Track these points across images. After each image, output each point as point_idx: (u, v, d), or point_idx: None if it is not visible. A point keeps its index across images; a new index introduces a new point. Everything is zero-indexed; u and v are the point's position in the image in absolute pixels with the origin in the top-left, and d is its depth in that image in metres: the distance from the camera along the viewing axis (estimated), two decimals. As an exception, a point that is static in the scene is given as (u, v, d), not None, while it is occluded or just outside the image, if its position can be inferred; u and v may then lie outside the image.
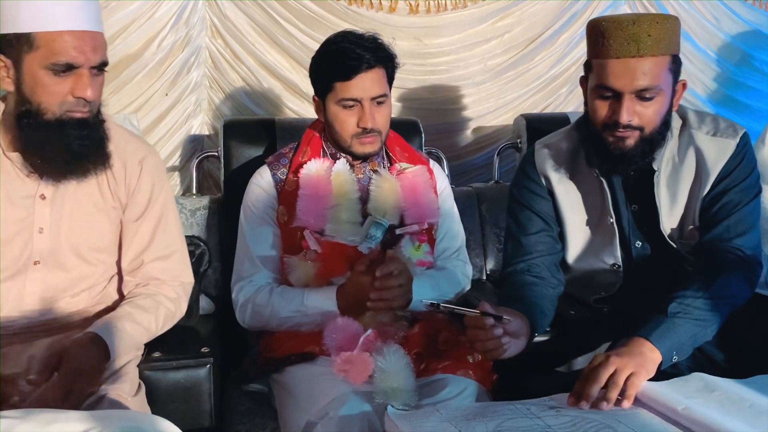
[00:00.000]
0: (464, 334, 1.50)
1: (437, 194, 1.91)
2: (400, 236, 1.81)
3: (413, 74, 2.75)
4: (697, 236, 1.68)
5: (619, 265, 1.74)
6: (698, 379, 1.40)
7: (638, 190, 1.71)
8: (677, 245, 1.70)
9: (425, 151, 2.28)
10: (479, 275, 2.37)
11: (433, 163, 1.99)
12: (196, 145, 2.65)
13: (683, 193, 1.69)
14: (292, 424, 1.56)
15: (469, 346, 1.54)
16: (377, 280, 1.63)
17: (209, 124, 2.67)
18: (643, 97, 1.56)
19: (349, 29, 1.82)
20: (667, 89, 1.59)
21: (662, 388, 1.35)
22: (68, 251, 1.60)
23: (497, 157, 2.68)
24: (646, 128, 1.59)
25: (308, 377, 1.62)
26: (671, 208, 1.70)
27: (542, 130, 1.99)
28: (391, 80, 1.82)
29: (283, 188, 1.83)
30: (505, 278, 1.80)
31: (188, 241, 1.85)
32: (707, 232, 1.66)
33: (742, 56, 3.14)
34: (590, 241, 1.77)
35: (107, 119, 1.61)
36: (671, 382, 1.40)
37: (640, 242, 1.74)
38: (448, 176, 2.22)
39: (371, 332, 1.61)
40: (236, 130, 2.24)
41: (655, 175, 1.68)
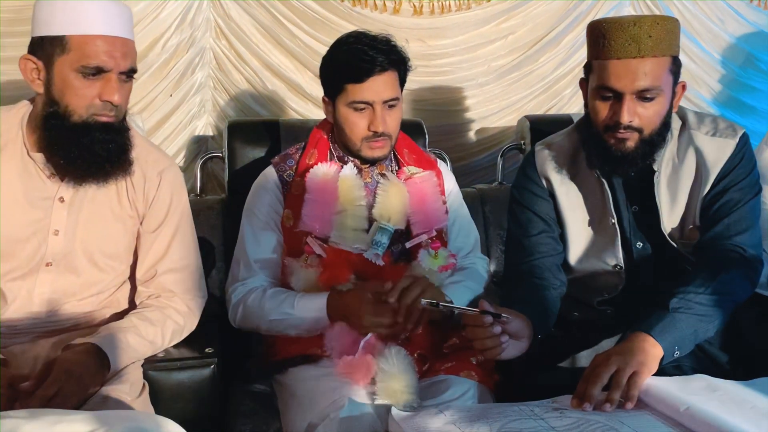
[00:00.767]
0: (464, 332, 1.50)
1: (445, 195, 1.89)
2: (415, 248, 1.78)
3: (417, 75, 2.73)
4: (697, 236, 1.69)
5: (620, 266, 1.74)
6: (701, 379, 1.41)
7: (639, 190, 1.72)
8: (678, 245, 1.70)
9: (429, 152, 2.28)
10: (482, 276, 2.36)
11: (440, 163, 1.97)
12: (200, 145, 2.66)
13: (683, 193, 1.70)
14: (294, 425, 1.56)
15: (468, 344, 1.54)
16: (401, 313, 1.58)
17: (213, 124, 2.68)
18: (643, 97, 1.57)
19: (361, 30, 1.78)
20: (667, 90, 1.60)
21: (665, 385, 1.36)
22: (81, 255, 1.61)
23: (501, 158, 2.68)
24: (645, 130, 1.60)
25: (310, 378, 1.62)
26: (672, 208, 1.70)
27: (546, 131, 1.99)
28: (403, 83, 1.79)
29: (289, 191, 1.80)
30: (506, 280, 1.80)
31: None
32: (707, 230, 1.66)
33: (746, 58, 3.14)
34: (592, 242, 1.78)
35: (132, 128, 1.63)
36: (674, 379, 1.40)
37: (641, 243, 1.74)
38: (452, 177, 2.22)
39: (371, 336, 1.60)
40: (240, 131, 2.25)
41: (655, 175, 1.69)
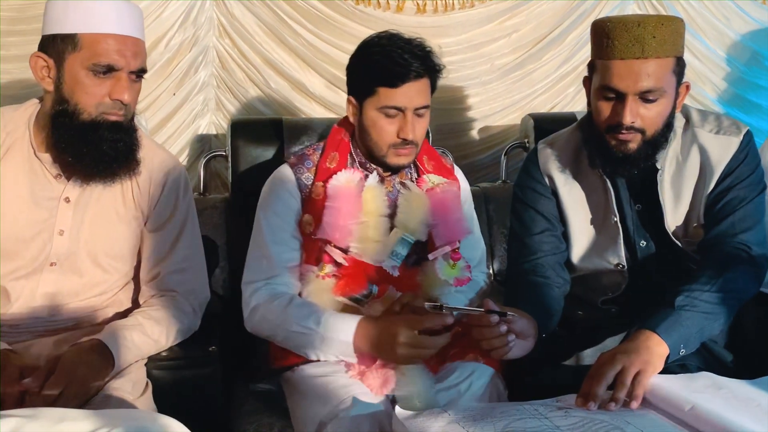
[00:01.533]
0: (470, 333, 1.49)
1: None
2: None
3: (420, 74, 2.74)
4: (702, 234, 1.68)
5: (623, 265, 1.73)
6: (706, 377, 1.40)
7: (642, 189, 1.71)
8: (682, 244, 1.70)
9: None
10: (486, 275, 2.36)
11: (457, 170, 1.92)
12: (203, 144, 2.66)
13: (687, 191, 1.69)
14: (305, 423, 1.55)
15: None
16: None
17: (217, 123, 2.67)
18: (646, 98, 1.56)
19: (394, 31, 1.71)
20: (670, 91, 1.59)
21: (669, 384, 1.35)
22: (85, 256, 1.61)
23: (504, 156, 2.67)
24: (648, 131, 1.59)
25: (320, 376, 1.60)
26: (675, 206, 1.69)
27: (550, 129, 1.98)
28: (433, 91, 1.72)
29: (309, 196, 1.72)
30: (510, 279, 1.80)
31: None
32: (712, 228, 1.65)
33: (752, 55, 3.12)
34: (594, 240, 1.77)
35: (139, 128, 1.63)
36: (679, 377, 1.40)
37: (644, 242, 1.74)
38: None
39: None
40: (244, 129, 2.24)
41: (658, 173, 1.68)
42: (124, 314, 1.66)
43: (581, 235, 1.78)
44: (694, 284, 1.53)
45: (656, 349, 1.41)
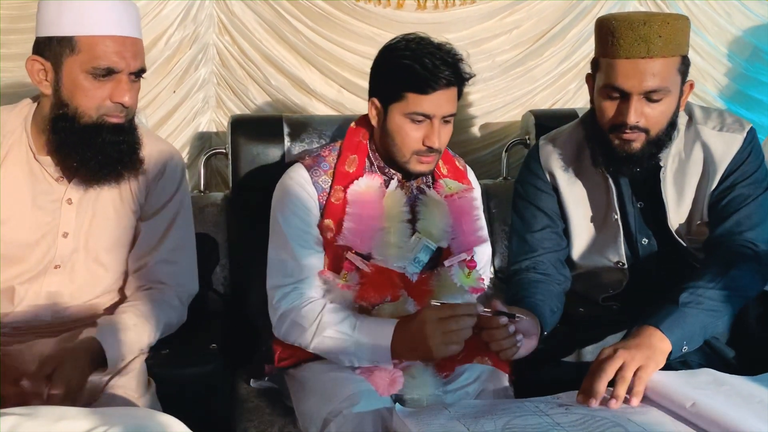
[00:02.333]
0: (478, 334, 1.49)
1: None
2: (441, 259, 1.72)
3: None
4: (705, 232, 1.67)
5: (623, 263, 1.73)
6: (707, 373, 1.40)
7: (644, 186, 1.71)
8: (685, 242, 1.69)
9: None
10: (487, 273, 2.35)
11: (469, 171, 1.89)
12: (203, 142, 2.65)
13: (690, 188, 1.68)
14: (310, 420, 1.54)
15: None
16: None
17: (217, 121, 2.67)
18: (651, 98, 1.55)
19: (422, 34, 1.66)
20: (675, 90, 1.58)
21: (671, 381, 1.35)
22: (87, 256, 1.60)
23: (506, 153, 2.67)
24: (651, 130, 1.58)
25: (323, 373, 1.60)
26: (678, 204, 1.69)
27: (551, 126, 1.98)
28: (459, 98, 1.68)
29: (328, 200, 1.67)
30: (511, 276, 1.79)
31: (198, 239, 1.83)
32: (717, 227, 1.65)
33: (753, 51, 3.11)
34: (594, 238, 1.77)
35: (139, 125, 1.62)
36: (680, 373, 1.39)
37: (646, 239, 1.73)
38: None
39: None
40: (244, 127, 2.24)
41: (661, 171, 1.67)
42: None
43: (582, 232, 1.77)
44: (698, 281, 1.52)
45: (659, 345, 1.40)
